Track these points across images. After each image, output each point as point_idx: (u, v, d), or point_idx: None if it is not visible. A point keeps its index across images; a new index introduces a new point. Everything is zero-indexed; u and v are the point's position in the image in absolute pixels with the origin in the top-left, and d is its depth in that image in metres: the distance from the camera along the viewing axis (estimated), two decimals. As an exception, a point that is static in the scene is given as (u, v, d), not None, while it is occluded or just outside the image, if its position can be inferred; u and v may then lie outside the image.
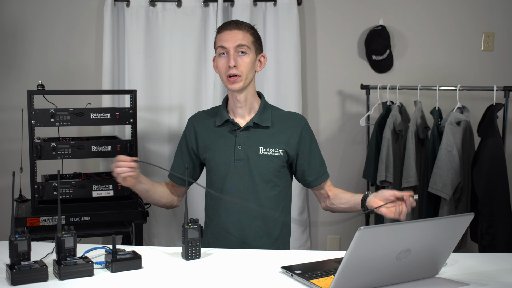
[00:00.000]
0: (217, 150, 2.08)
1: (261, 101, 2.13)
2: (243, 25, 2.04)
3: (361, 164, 3.38)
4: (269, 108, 2.13)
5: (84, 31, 3.32)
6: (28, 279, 1.53)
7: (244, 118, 2.09)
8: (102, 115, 2.65)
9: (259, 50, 2.08)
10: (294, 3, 3.27)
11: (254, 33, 2.06)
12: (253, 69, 2.05)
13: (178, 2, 3.26)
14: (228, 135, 2.08)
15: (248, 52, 2.01)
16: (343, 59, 3.42)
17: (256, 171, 2.04)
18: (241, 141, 2.05)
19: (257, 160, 2.04)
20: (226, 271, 1.69)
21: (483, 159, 2.75)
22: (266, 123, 2.08)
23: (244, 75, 2.01)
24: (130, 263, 1.67)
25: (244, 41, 2.00)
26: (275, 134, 2.08)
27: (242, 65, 2.00)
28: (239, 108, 2.08)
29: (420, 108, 3.05)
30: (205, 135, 2.12)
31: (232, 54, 1.99)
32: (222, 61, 2.02)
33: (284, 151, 2.06)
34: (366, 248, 1.40)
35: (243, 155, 2.05)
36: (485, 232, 2.77)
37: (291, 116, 2.15)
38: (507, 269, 1.72)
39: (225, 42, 2.00)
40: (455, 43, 3.38)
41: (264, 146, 2.05)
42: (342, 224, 3.51)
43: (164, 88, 3.30)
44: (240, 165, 2.05)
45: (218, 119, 2.10)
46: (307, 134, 2.11)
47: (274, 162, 2.05)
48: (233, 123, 2.07)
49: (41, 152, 2.55)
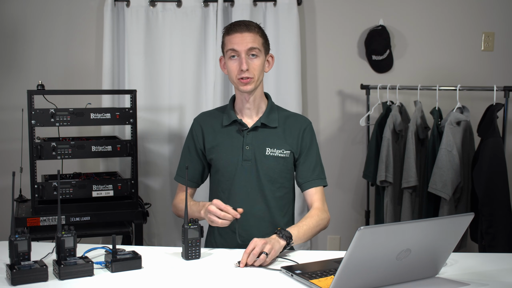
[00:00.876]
0: (225, 150, 2.08)
1: (268, 102, 2.13)
2: (253, 27, 2.02)
3: (361, 164, 3.38)
4: (275, 109, 2.14)
5: (84, 31, 3.32)
6: (28, 279, 1.53)
7: (251, 118, 2.10)
8: (102, 115, 2.65)
9: (268, 50, 2.08)
10: (294, 3, 3.26)
11: (263, 33, 2.05)
12: (263, 70, 2.05)
13: (178, 2, 3.26)
14: (236, 135, 2.08)
15: (259, 54, 2.01)
16: (343, 59, 3.42)
17: (262, 171, 2.04)
18: (249, 141, 2.06)
19: (264, 161, 2.04)
20: (226, 271, 1.69)
21: (483, 159, 2.75)
22: (274, 124, 2.08)
23: (256, 77, 2.01)
24: (130, 263, 1.67)
25: (255, 43, 1.99)
26: (282, 135, 2.08)
27: (254, 68, 2.00)
28: (247, 108, 2.08)
29: (420, 108, 3.05)
30: (212, 136, 2.11)
31: (244, 57, 1.98)
32: (234, 64, 2.01)
33: (291, 152, 2.06)
34: (366, 248, 1.40)
35: (250, 156, 2.05)
36: (485, 232, 2.77)
37: (297, 118, 2.15)
38: (507, 269, 1.72)
39: (236, 45, 1.99)
40: (455, 43, 3.38)
41: (271, 147, 2.05)
42: (342, 224, 3.51)
43: (164, 88, 3.30)
44: (247, 165, 2.05)
45: (226, 119, 2.10)
46: (307, 136, 2.11)
47: (280, 163, 2.05)
48: (241, 123, 2.08)
49: (41, 152, 2.55)
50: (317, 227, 1.99)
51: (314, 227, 1.98)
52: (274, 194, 2.06)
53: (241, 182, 2.05)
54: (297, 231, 1.89)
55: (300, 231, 1.90)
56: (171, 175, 3.33)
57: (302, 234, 1.90)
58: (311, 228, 1.96)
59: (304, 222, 1.95)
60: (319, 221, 2.01)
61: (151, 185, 3.32)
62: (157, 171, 3.32)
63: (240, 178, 2.05)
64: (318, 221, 2.00)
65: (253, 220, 2.05)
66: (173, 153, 3.32)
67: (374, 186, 3.22)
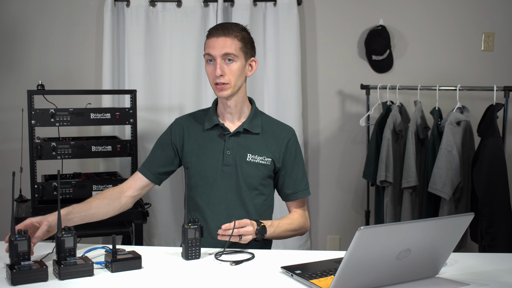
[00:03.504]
0: (205, 154, 2.04)
1: (252, 107, 2.09)
2: (231, 31, 1.96)
3: (361, 164, 3.38)
4: (259, 115, 2.10)
5: (84, 31, 3.32)
6: (28, 279, 1.53)
7: (233, 123, 2.06)
8: (102, 115, 2.65)
9: (250, 55, 2.01)
10: (294, 3, 3.27)
11: (244, 37, 1.98)
12: (242, 75, 1.99)
13: (178, 2, 3.26)
14: (217, 139, 2.04)
15: (235, 59, 1.95)
16: (343, 59, 3.42)
17: (242, 177, 2.01)
18: (230, 146, 2.02)
19: (244, 167, 2.01)
20: (226, 271, 1.69)
21: (483, 159, 2.75)
22: (256, 130, 2.05)
23: (232, 82, 1.96)
24: (130, 263, 1.66)
25: (231, 49, 1.94)
26: (264, 142, 2.05)
27: (229, 73, 1.95)
28: (229, 113, 2.05)
29: (420, 108, 3.05)
30: (193, 139, 2.07)
31: (219, 62, 1.94)
32: (210, 69, 1.97)
33: (272, 160, 2.04)
34: (366, 248, 1.40)
35: (231, 161, 2.02)
36: (485, 232, 2.77)
37: (281, 126, 2.11)
38: (507, 269, 1.72)
39: (212, 50, 1.95)
40: (455, 43, 3.38)
41: (252, 153, 2.02)
42: (342, 224, 3.51)
43: (164, 88, 3.30)
44: (227, 170, 2.02)
45: (207, 123, 2.06)
46: (293, 146, 2.07)
47: (260, 170, 2.02)
48: (222, 128, 2.04)
49: (41, 152, 2.55)
50: (294, 231, 2.06)
51: (291, 231, 2.05)
52: (253, 201, 2.04)
53: (220, 187, 2.02)
54: (274, 230, 1.96)
55: (277, 230, 1.98)
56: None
57: (276, 235, 1.99)
58: (288, 230, 2.03)
59: (284, 223, 2.02)
60: (298, 226, 2.07)
61: (151, 185, 3.32)
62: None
63: (219, 183, 2.02)
64: (297, 226, 2.07)
65: None
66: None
67: (374, 186, 3.22)
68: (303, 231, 2.11)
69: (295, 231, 2.06)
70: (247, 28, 2.03)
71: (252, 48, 2.04)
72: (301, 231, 2.10)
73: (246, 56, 1.99)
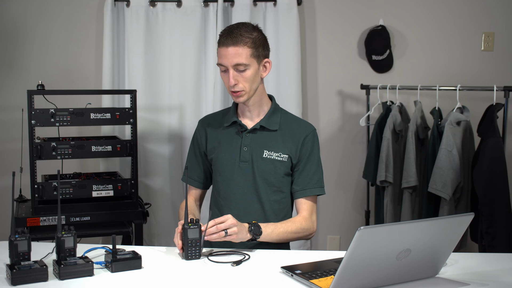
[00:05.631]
0: (223, 151, 2.08)
1: (272, 104, 2.11)
2: (240, 39, 1.93)
3: (361, 164, 3.38)
4: (278, 112, 2.11)
5: (84, 31, 3.32)
6: (28, 279, 1.53)
7: (252, 120, 2.09)
8: (102, 115, 2.65)
9: (262, 57, 2.00)
10: (294, 3, 3.27)
11: (255, 40, 1.95)
12: (256, 79, 1.99)
13: (178, 2, 3.26)
14: (235, 136, 2.08)
15: (247, 67, 1.95)
16: (343, 59, 3.42)
17: (259, 173, 2.03)
18: (247, 142, 2.05)
19: (261, 163, 2.03)
20: (226, 271, 1.69)
21: (483, 159, 2.75)
22: (274, 127, 2.06)
23: (247, 88, 1.97)
24: (130, 263, 1.67)
25: (241, 58, 1.93)
26: (281, 138, 2.06)
27: (243, 81, 1.96)
28: (248, 111, 2.08)
29: (420, 108, 3.05)
30: (214, 137, 2.11)
31: (231, 72, 1.94)
32: (225, 77, 1.99)
33: (289, 156, 2.04)
34: (366, 248, 1.40)
35: (248, 157, 2.04)
36: (485, 232, 2.77)
37: (300, 123, 2.12)
38: (507, 269, 1.72)
39: (223, 60, 1.95)
40: (455, 43, 3.38)
41: (269, 149, 2.04)
42: (342, 224, 3.51)
43: (164, 88, 3.30)
44: (244, 166, 2.05)
45: (227, 120, 2.10)
46: (309, 143, 2.07)
47: (277, 167, 2.04)
48: (240, 125, 2.07)
49: (41, 152, 2.55)
50: (295, 233, 1.99)
51: (291, 233, 1.98)
52: (269, 198, 2.05)
53: (237, 182, 2.05)
54: (271, 231, 1.92)
55: (275, 231, 1.93)
56: (171, 175, 3.33)
57: (275, 235, 1.93)
58: (288, 232, 1.97)
59: (283, 225, 1.97)
60: (300, 229, 2.00)
61: (151, 185, 3.32)
62: (157, 171, 3.32)
63: (236, 179, 2.05)
64: (298, 229, 2.00)
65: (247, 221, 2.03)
66: (173, 153, 3.32)
67: (374, 186, 3.22)
68: (307, 235, 2.03)
69: (296, 234, 1.99)
70: (258, 27, 2.01)
71: (265, 48, 2.01)
72: (304, 234, 2.02)
73: (259, 60, 1.99)
